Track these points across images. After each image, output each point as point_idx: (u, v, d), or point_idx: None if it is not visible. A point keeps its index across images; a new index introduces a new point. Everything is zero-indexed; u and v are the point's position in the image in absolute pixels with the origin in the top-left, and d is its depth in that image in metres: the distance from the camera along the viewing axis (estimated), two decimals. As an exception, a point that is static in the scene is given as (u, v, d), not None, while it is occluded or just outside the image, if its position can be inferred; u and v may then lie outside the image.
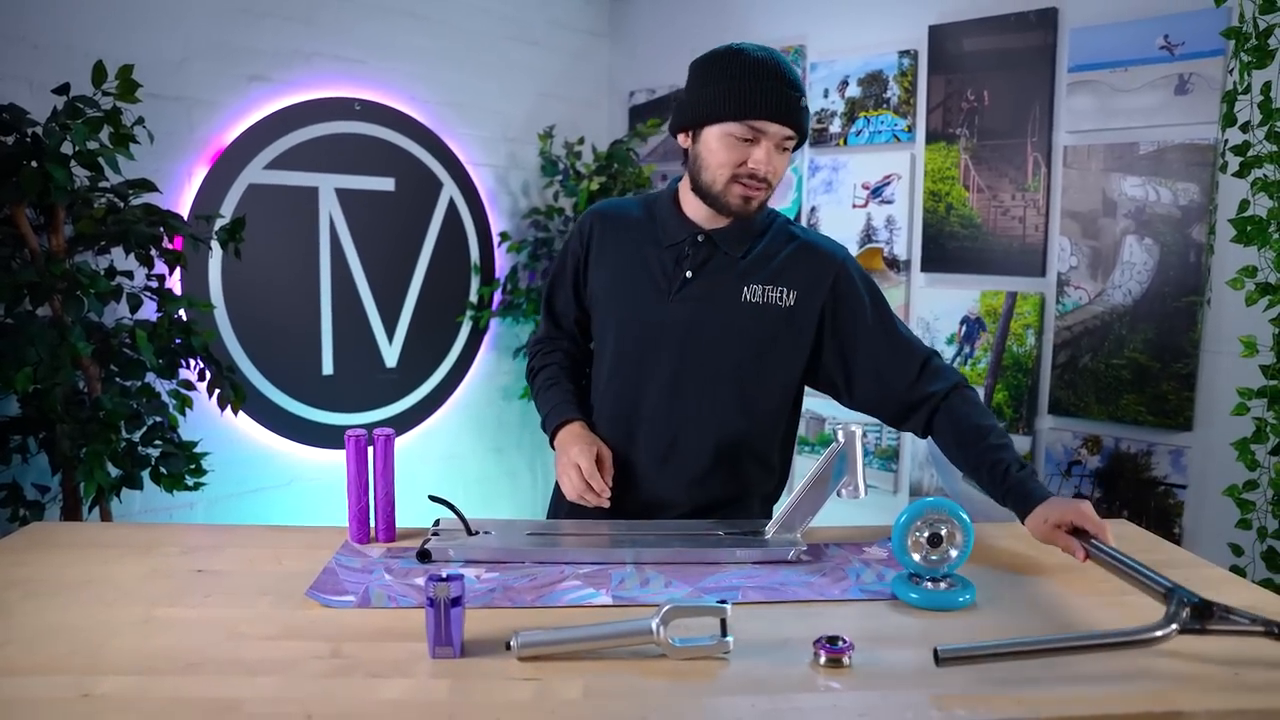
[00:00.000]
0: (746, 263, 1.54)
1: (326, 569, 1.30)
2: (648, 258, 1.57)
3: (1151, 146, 2.52)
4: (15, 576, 1.26)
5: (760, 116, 1.43)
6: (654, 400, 1.56)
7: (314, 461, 3.11)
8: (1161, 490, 2.56)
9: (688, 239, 1.55)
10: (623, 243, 1.61)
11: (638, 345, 1.57)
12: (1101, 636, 1.01)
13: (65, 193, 2.06)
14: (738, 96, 1.43)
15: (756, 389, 1.56)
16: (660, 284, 1.55)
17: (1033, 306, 2.80)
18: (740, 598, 1.22)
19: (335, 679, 0.98)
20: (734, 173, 1.46)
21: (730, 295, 1.53)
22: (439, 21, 3.31)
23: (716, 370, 1.54)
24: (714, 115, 1.45)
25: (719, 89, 1.44)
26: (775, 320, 1.54)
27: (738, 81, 1.43)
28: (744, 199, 1.47)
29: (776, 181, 1.49)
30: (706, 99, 1.46)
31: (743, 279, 1.53)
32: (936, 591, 1.20)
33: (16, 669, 0.99)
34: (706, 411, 1.55)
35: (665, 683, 0.99)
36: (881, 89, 3.11)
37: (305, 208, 3.02)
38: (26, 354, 1.99)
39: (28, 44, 2.36)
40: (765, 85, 1.42)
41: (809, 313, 1.55)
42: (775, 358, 1.56)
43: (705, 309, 1.53)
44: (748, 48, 1.47)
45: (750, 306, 1.53)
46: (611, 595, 1.22)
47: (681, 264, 1.55)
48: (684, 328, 1.54)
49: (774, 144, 1.45)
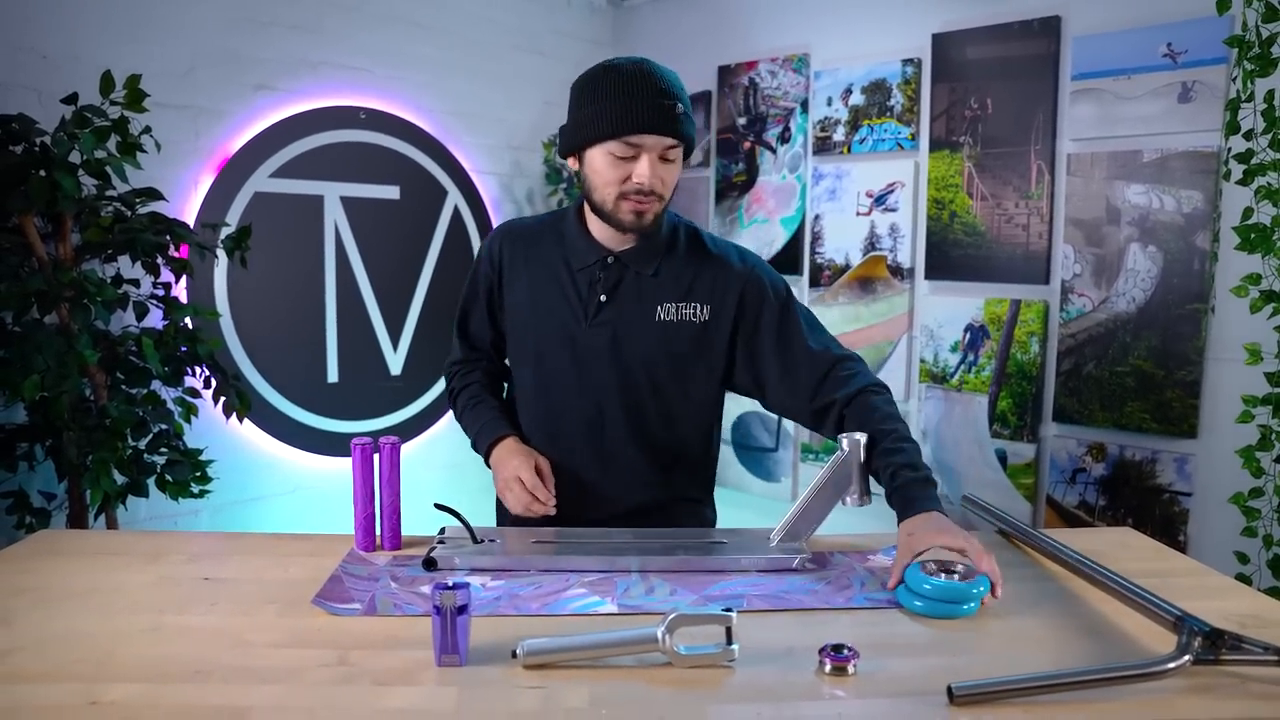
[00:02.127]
0: (658, 280, 1.56)
1: (333, 577, 1.31)
2: (561, 281, 1.58)
3: (1155, 154, 2.52)
4: (22, 584, 1.26)
5: (634, 131, 1.42)
6: (581, 419, 1.58)
7: (319, 469, 3.11)
8: (1166, 498, 2.55)
9: (598, 262, 1.55)
10: (534, 263, 1.61)
11: (559, 368, 1.58)
12: (1115, 670, 1.00)
13: (73, 201, 2.08)
14: (610, 115, 1.43)
15: (678, 401, 1.59)
16: (576, 309, 1.56)
17: (1036, 314, 2.80)
18: (745, 606, 1.22)
19: (342, 687, 0.98)
20: (620, 190, 1.46)
21: (645, 315, 1.55)
22: (444, 31, 3.33)
23: (638, 388, 1.57)
24: (592, 136, 1.46)
25: (594, 109, 1.45)
26: (690, 336, 1.56)
27: (609, 100, 1.43)
28: (635, 214, 1.48)
29: (667, 192, 1.49)
30: (584, 120, 1.46)
31: (656, 298, 1.55)
32: (950, 583, 1.18)
33: (25, 676, 0.99)
34: (633, 427, 1.58)
35: (670, 691, 0.99)
36: (885, 97, 3.11)
37: (311, 216, 3.03)
38: (34, 362, 2.00)
39: (36, 54, 2.38)
40: (637, 100, 1.42)
41: (722, 326, 1.57)
42: (693, 371, 1.58)
43: (621, 331, 1.55)
44: (619, 63, 1.47)
45: (665, 325, 1.55)
46: (617, 603, 1.22)
47: (595, 287, 1.56)
48: (603, 350, 1.55)
49: (655, 156, 1.44)
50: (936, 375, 3.04)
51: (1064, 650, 1.10)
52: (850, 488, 1.38)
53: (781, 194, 3.42)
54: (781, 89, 3.39)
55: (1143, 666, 1.01)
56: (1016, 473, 2.86)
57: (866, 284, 3.20)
